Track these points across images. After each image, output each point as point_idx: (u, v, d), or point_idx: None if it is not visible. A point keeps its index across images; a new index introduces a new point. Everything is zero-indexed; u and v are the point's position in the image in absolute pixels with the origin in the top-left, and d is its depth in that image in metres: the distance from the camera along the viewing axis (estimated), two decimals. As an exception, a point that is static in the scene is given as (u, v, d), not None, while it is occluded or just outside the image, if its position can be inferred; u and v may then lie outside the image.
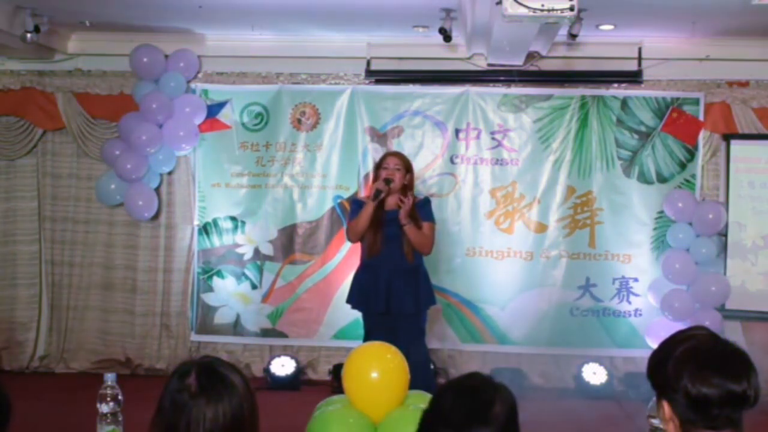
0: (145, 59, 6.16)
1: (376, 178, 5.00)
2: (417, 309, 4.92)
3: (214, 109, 6.40)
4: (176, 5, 5.52)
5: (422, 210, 4.95)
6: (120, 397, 2.86)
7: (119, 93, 6.43)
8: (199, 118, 6.31)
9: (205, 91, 6.42)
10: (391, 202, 4.90)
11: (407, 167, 4.97)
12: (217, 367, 1.87)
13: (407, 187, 4.93)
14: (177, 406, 1.80)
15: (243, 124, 6.41)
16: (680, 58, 6.14)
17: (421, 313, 4.97)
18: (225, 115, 6.41)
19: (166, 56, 6.25)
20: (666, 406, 1.78)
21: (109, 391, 2.85)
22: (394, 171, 4.88)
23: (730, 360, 1.74)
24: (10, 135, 6.52)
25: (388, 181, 4.85)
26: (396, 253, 4.86)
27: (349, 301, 5.12)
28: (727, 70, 6.15)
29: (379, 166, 5.01)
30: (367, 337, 4.84)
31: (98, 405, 2.84)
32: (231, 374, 1.86)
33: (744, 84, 6.17)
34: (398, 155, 5.07)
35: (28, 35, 5.54)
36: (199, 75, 6.42)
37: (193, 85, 6.40)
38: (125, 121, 6.15)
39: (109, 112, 6.39)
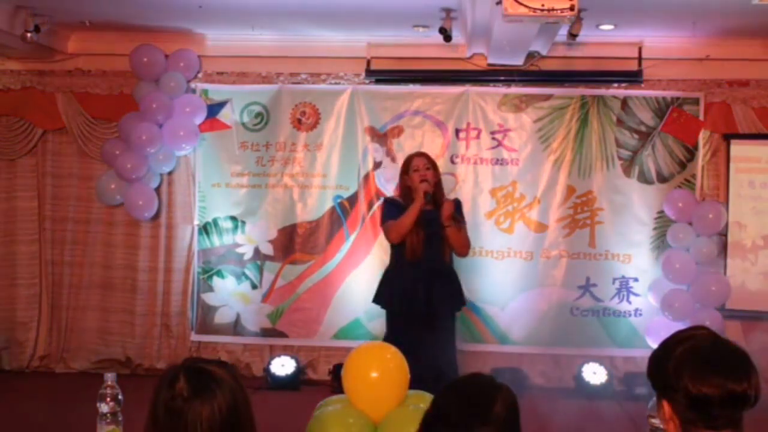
0: (145, 59, 6.16)
1: (404, 182, 4.89)
2: (454, 311, 4.86)
3: (214, 109, 6.40)
4: (176, 5, 5.52)
5: (458, 212, 4.86)
6: (120, 397, 2.85)
7: (119, 93, 6.43)
8: (199, 118, 6.31)
9: (205, 91, 6.42)
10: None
11: (434, 165, 4.90)
12: (202, 365, 1.86)
13: (436, 185, 4.84)
14: (172, 412, 1.79)
15: (243, 124, 6.41)
16: (680, 58, 6.15)
17: (455, 315, 4.91)
18: (225, 115, 6.41)
19: (166, 56, 6.25)
20: (666, 406, 1.78)
21: (109, 391, 2.84)
22: (425, 171, 4.80)
23: (730, 360, 1.74)
24: (10, 135, 6.52)
25: (427, 195, 4.74)
26: (436, 254, 4.76)
27: (377, 300, 4.93)
28: (727, 69, 6.15)
29: (407, 170, 4.86)
30: (392, 338, 4.48)
31: (98, 405, 2.83)
32: (217, 369, 1.86)
33: (744, 84, 6.16)
34: (424, 155, 4.97)
35: (29, 35, 5.55)
36: (199, 75, 6.42)
37: (193, 85, 6.40)
38: (125, 121, 6.15)
39: (109, 112, 6.40)
